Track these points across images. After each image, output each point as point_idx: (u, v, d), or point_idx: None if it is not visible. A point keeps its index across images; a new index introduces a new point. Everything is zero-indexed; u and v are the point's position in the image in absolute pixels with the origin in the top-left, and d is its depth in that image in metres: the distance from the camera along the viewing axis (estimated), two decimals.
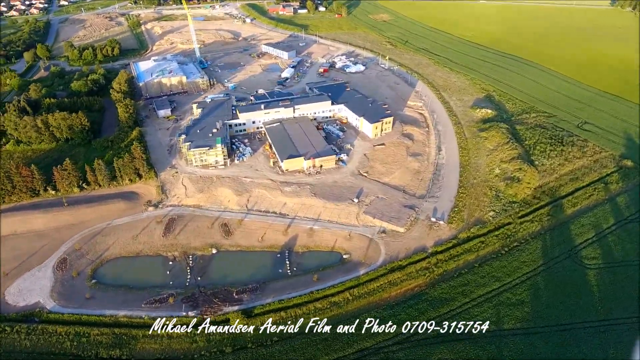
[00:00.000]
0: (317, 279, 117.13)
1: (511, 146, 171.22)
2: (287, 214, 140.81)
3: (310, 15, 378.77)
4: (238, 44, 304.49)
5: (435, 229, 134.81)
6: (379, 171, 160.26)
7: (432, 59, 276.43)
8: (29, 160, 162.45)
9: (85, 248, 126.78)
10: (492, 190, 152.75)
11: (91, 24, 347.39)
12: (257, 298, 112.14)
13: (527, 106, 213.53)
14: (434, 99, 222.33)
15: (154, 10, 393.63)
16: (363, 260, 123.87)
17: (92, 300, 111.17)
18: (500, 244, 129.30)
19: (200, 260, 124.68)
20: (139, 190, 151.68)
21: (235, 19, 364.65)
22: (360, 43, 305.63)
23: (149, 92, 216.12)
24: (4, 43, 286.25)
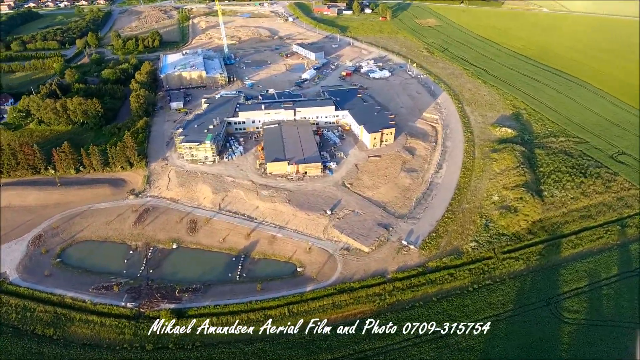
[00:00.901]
0: (260, 289, 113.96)
1: (519, 172, 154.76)
2: (255, 217, 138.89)
3: (354, 17, 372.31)
4: (272, 42, 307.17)
5: (403, 253, 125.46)
6: (364, 184, 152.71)
7: (467, 69, 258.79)
8: (45, 140, 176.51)
9: (61, 227, 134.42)
10: (483, 218, 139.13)
11: (145, 16, 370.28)
12: (196, 299, 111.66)
13: (558, 128, 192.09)
14: (453, 112, 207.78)
15: (206, 5, 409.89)
16: (315, 276, 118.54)
17: (50, 278, 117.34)
18: (471, 279, 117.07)
19: (158, 254, 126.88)
20: (128, 177, 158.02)
21: (278, 17, 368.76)
22: (395, 48, 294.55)
23: (169, 84, 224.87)
24: (64, 30, 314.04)
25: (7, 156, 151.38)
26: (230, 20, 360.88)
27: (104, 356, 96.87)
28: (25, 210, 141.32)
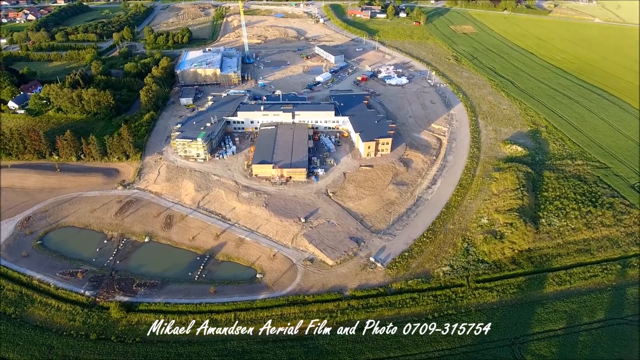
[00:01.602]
0: (213, 292, 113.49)
1: (517, 194, 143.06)
2: (229, 219, 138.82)
3: (387, 20, 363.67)
4: (297, 43, 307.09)
5: (368, 271, 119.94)
6: (347, 194, 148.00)
7: (492, 80, 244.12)
8: (60, 127, 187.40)
9: (50, 211, 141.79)
10: (466, 241, 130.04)
11: (184, 13, 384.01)
12: (150, 295, 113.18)
13: (577, 150, 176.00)
14: (465, 124, 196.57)
15: (244, 4, 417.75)
16: (271, 284, 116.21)
17: (26, 258, 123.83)
18: (434, 307, 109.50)
19: (130, 245, 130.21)
20: (122, 168, 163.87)
21: (310, 18, 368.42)
22: (421, 54, 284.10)
23: (184, 80, 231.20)
24: (105, 23, 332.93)
25: (16, 140, 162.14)
26: (262, 19, 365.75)
27: (49, 340, 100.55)
28: (23, 192, 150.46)
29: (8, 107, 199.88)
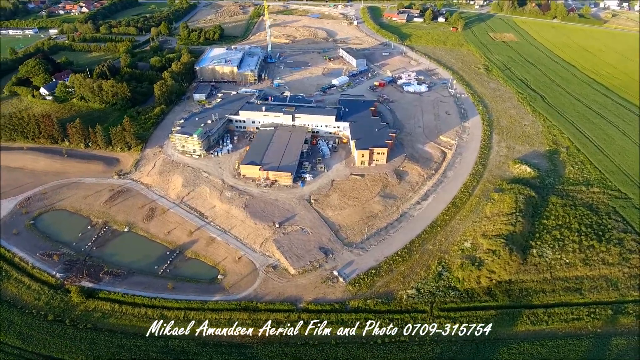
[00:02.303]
0: (171, 288, 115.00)
1: (511, 219, 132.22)
2: (207, 217, 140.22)
3: (423, 25, 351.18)
4: (325, 44, 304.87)
5: (328, 285, 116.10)
6: (329, 202, 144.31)
7: (520, 92, 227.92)
8: (80, 114, 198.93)
9: (49, 194, 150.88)
10: (441, 265, 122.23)
11: (224, 10, 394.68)
12: (113, 283, 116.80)
13: (597, 176, 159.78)
14: (477, 139, 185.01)
15: (283, 3, 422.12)
16: (229, 287, 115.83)
17: (16, 236, 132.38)
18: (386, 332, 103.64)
19: (109, 233, 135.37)
20: (123, 158, 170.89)
21: (344, 19, 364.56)
22: (450, 62, 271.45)
23: (203, 76, 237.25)
24: (147, 18, 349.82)
25: (33, 125, 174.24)
26: (296, 19, 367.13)
27: (12, 316, 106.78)
28: (31, 174, 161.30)
29: (40, 92, 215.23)
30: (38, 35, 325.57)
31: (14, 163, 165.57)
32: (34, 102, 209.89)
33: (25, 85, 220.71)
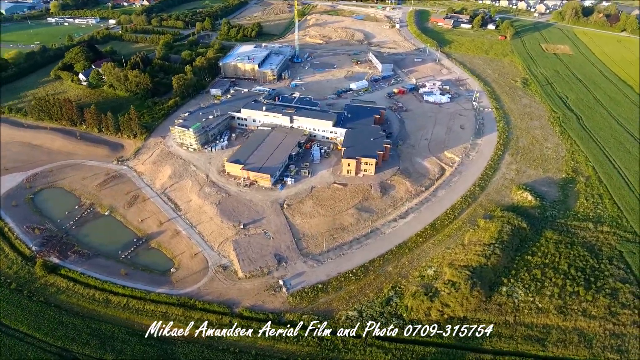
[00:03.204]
0: (124, 274, 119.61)
1: (486, 251, 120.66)
2: (181, 210, 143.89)
3: (470, 31, 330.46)
4: (358, 47, 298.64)
5: (271, 293, 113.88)
6: (301, 209, 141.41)
7: (554, 112, 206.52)
8: (105, 100, 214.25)
9: (54, 172, 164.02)
10: (394, 289, 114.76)
11: (272, 8, 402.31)
12: (76, 262, 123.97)
13: (613, 213, 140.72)
14: (485, 158, 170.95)
15: (332, 4, 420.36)
16: (176, 281, 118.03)
17: (13, 208, 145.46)
18: (310, 350, 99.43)
19: (92, 215, 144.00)
20: (128, 145, 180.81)
21: (387, 22, 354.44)
22: (486, 72, 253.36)
23: (225, 72, 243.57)
24: (195, 12, 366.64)
25: (56, 107, 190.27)
26: (339, 20, 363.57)
27: None
28: (46, 152, 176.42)
29: (78, 78, 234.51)
30: (98, 24, 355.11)
31: (36, 141, 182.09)
32: (71, 86, 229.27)
33: (68, 70, 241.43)
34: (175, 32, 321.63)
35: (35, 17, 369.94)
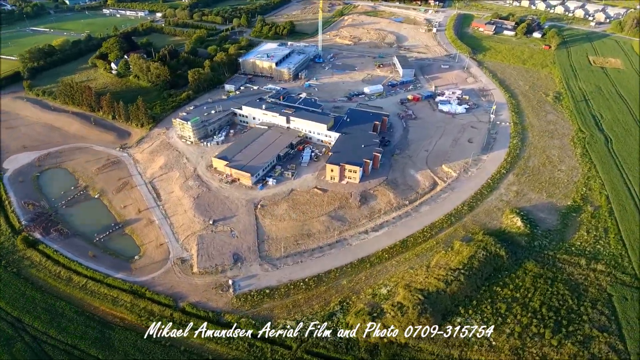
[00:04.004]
0: (92, 256, 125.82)
1: (449, 276, 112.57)
2: (161, 200, 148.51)
3: (512, 39, 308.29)
4: (386, 49, 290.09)
5: (218, 292, 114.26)
6: (273, 212, 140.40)
7: (582, 132, 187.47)
8: (127, 89, 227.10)
9: (63, 153, 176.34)
10: (340, 304, 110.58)
11: (312, 7, 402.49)
12: (55, 240, 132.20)
13: (616, 250, 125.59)
14: (484, 176, 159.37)
15: (373, 4, 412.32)
16: (135, 269, 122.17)
17: (20, 183, 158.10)
18: (237, 355, 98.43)
19: (83, 197, 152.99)
20: (134, 133, 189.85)
21: (425, 25, 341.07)
22: (516, 84, 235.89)
23: (244, 68, 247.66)
24: (235, 9, 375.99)
25: (79, 93, 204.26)
26: (375, 21, 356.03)
27: None
28: (63, 134, 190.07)
29: (110, 67, 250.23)
30: (145, 17, 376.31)
31: (57, 123, 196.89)
32: (102, 74, 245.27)
33: (103, 59, 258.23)
34: (212, 27, 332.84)
35: (93, 8, 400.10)
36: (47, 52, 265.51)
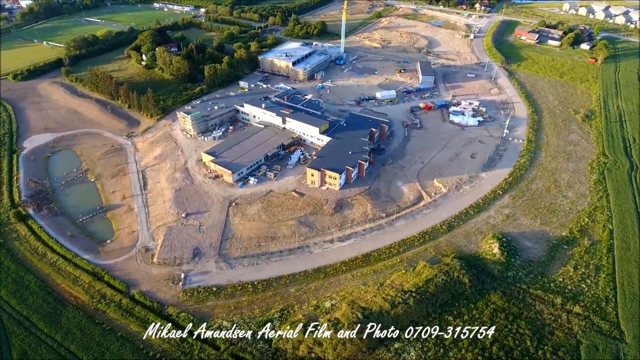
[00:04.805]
0: (69, 235, 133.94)
1: (398, 298, 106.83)
2: (147, 189, 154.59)
3: (555, 49, 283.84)
4: (414, 54, 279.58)
5: (169, 284, 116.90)
6: (245, 211, 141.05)
7: (605, 156, 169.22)
8: (150, 80, 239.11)
9: (76, 137, 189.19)
10: (281, 312, 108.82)
11: (351, 8, 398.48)
12: (43, 217, 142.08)
13: (599, 293, 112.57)
14: (476, 194, 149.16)
15: (416, 7, 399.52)
16: (103, 252, 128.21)
17: (31, 162, 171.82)
18: (166, 348, 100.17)
19: (81, 180, 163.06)
20: (143, 123, 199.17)
21: (463, 31, 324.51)
22: (545, 99, 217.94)
23: (263, 66, 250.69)
24: (274, 7, 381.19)
25: (102, 81, 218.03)
26: (412, 24, 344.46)
27: None
28: (81, 119, 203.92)
29: (142, 58, 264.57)
30: (190, 12, 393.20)
31: (79, 108, 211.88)
32: (132, 65, 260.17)
33: (137, 51, 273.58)
34: (247, 25, 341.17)
35: (145, 1, 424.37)
36: (91, 41, 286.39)
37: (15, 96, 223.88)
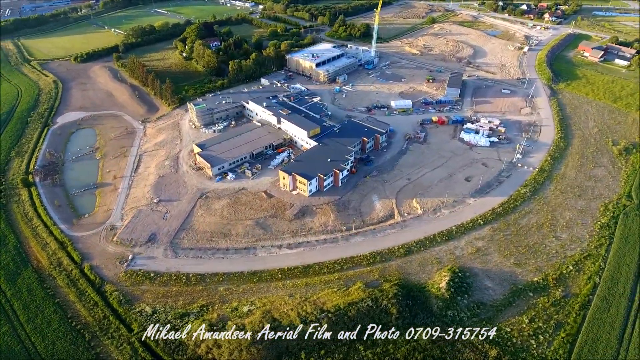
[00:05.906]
0: (57, 205, 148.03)
1: (313, 316, 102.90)
2: (137, 172, 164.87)
3: (621, 70, 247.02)
4: (452, 64, 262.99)
5: (116, 263, 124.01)
6: (211, 205, 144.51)
7: (630, 199, 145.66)
8: (183, 69, 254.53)
9: (101, 117, 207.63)
10: (202, 308, 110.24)
11: (409, 11, 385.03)
12: (44, 186, 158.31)
13: (548, 355, 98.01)
14: (454, 221, 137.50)
15: (477, 14, 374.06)
16: (76, 224, 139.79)
17: (56, 136, 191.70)
18: (89, 321, 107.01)
19: (88, 157, 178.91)
20: (161, 110, 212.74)
21: (515, 42, 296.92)
22: (582, 125, 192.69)
23: (289, 65, 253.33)
24: (326, 7, 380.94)
25: (137, 67, 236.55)
26: (465, 32, 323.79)
27: None
28: (112, 101, 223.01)
29: (185, 49, 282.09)
30: (249, 8, 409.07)
31: (114, 92, 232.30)
32: (174, 56, 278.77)
33: (183, 42, 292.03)
34: (296, 23, 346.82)
35: None
36: (148, 31, 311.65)
37: (69, 76, 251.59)
